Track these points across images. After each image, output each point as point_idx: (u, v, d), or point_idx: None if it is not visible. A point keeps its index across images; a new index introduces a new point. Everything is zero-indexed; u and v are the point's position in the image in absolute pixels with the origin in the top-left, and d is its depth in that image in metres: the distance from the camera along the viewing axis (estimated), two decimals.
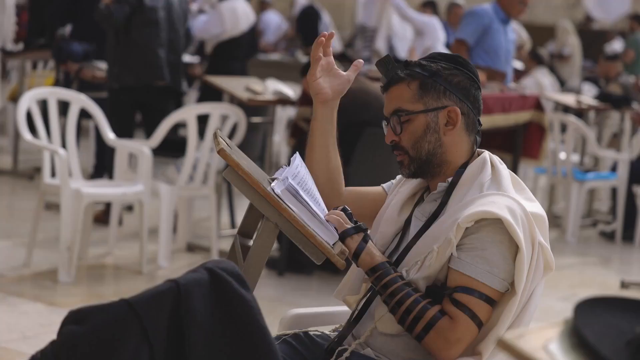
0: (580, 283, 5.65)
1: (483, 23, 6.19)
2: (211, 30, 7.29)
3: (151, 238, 5.14)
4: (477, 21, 6.21)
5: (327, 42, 2.29)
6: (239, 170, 2.05)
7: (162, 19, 5.74)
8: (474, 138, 2.24)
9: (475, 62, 6.16)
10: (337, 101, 2.33)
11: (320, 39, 2.28)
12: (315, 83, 2.30)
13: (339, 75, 2.32)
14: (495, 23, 6.19)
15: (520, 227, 2.05)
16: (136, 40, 5.67)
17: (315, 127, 2.33)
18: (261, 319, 1.89)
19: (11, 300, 4.24)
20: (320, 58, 2.29)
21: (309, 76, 2.31)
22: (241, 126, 5.24)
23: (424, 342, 2.07)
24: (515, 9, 6.22)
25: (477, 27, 6.19)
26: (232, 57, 7.38)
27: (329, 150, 2.34)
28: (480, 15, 6.23)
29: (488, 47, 6.19)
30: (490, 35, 6.18)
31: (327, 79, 2.31)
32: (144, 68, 5.71)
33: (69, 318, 1.85)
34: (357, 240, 2.13)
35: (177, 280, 1.87)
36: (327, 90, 2.30)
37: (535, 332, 1.21)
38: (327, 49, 2.30)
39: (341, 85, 2.31)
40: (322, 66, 2.30)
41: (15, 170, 7.27)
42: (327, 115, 2.32)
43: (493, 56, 6.21)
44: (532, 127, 6.15)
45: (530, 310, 2.13)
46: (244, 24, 7.35)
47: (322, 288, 4.97)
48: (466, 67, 2.23)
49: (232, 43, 7.36)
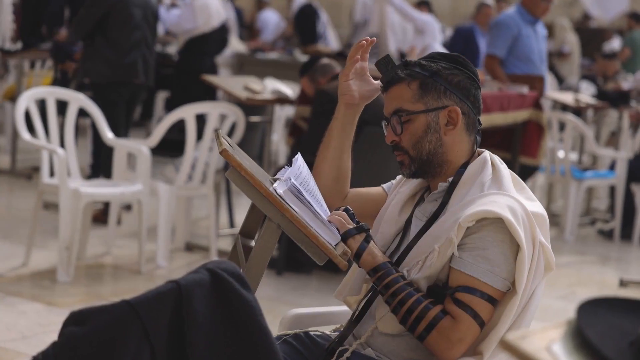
0: (578, 282, 5.65)
1: (512, 33, 6.12)
2: (184, 25, 7.35)
3: (150, 237, 5.14)
4: (504, 32, 6.15)
5: (367, 47, 2.29)
6: (241, 171, 2.05)
7: (137, 17, 5.84)
8: (474, 138, 2.24)
9: (511, 72, 6.14)
10: (361, 107, 2.34)
11: (362, 42, 2.29)
12: (345, 83, 2.30)
13: (370, 83, 2.32)
14: (523, 29, 6.12)
15: (521, 227, 2.05)
16: (113, 38, 5.83)
17: (334, 126, 2.34)
18: (262, 319, 1.89)
19: (10, 300, 4.24)
20: (357, 60, 2.29)
21: (342, 75, 2.31)
22: (240, 125, 5.24)
23: (426, 342, 2.07)
24: (539, 8, 6.16)
25: (506, 39, 6.14)
26: (203, 52, 7.44)
27: (343, 151, 2.34)
28: (507, 26, 6.16)
29: (520, 54, 6.15)
30: (521, 42, 6.13)
31: (358, 82, 2.31)
32: (120, 66, 5.85)
33: (70, 319, 1.85)
34: (358, 240, 2.13)
35: (178, 281, 1.87)
36: (355, 94, 2.30)
37: (538, 333, 1.21)
38: (364, 54, 2.31)
39: (370, 92, 2.32)
40: (356, 69, 2.30)
41: (13, 169, 7.26)
42: (349, 117, 2.33)
43: (527, 62, 6.17)
44: (530, 125, 6.15)
45: (531, 310, 2.13)
46: (215, 20, 7.41)
47: (321, 287, 4.97)
48: (466, 67, 2.23)
49: (203, 39, 7.42)
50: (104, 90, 5.86)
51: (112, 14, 5.79)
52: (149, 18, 6.02)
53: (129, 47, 5.86)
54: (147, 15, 6.00)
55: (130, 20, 5.86)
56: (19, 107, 4.74)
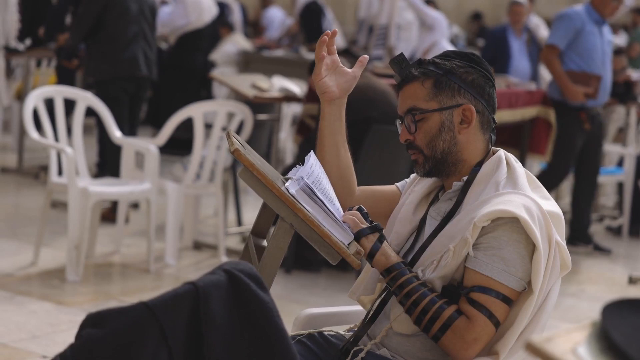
0: (587, 279, 5.64)
1: (574, 26, 5.97)
2: (176, 21, 7.36)
3: (158, 236, 5.13)
4: (567, 24, 6.00)
5: (330, 40, 2.27)
6: (253, 171, 2.04)
7: (134, 11, 5.85)
8: (488, 136, 2.23)
9: (569, 67, 5.99)
10: (344, 99, 2.32)
11: (324, 37, 2.26)
12: (321, 82, 2.28)
13: (345, 73, 2.30)
14: (588, 25, 5.98)
15: (537, 226, 2.04)
16: (111, 34, 5.85)
17: (323, 126, 2.32)
18: (279, 321, 1.88)
19: (19, 300, 4.24)
20: (324, 57, 2.27)
21: (314, 76, 2.29)
22: (248, 124, 5.23)
23: (440, 342, 2.06)
24: (608, 8, 6.01)
25: (568, 31, 5.98)
26: (195, 49, 7.44)
27: (338, 148, 2.32)
28: (571, 18, 6.01)
29: (581, 50, 5.98)
30: (583, 37, 5.97)
31: (333, 77, 2.29)
32: (120, 61, 5.87)
33: (87, 321, 1.84)
34: (372, 240, 2.12)
35: (195, 282, 1.86)
36: (333, 89, 2.29)
37: (563, 335, 1.20)
38: (330, 47, 2.29)
39: (347, 82, 2.30)
40: (327, 65, 2.28)
41: (20, 168, 7.26)
42: (335, 113, 2.31)
43: (587, 59, 6.00)
44: (538, 122, 6.14)
45: (547, 310, 2.12)
46: (207, 15, 7.42)
47: (330, 286, 4.96)
48: (480, 65, 2.22)
49: (195, 35, 7.43)
50: (107, 86, 5.86)
51: (108, 9, 5.80)
52: (145, 12, 6.04)
53: (126, 42, 5.88)
54: (144, 9, 6.02)
55: (126, 14, 5.88)
56: (26, 106, 4.74)
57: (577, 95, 5.91)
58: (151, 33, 6.11)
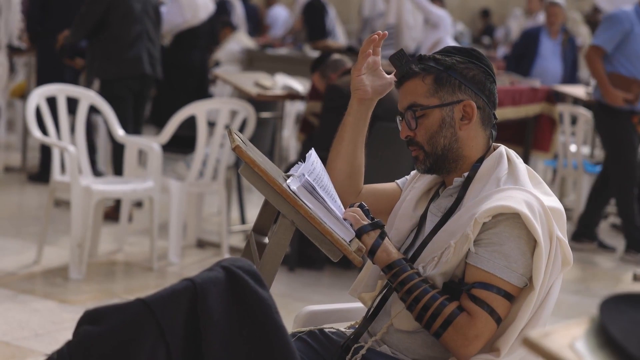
0: (592, 276, 5.62)
1: (623, 28, 5.74)
2: (172, 20, 7.36)
3: (161, 234, 5.13)
4: (615, 26, 5.76)
5: (379, 41, 2.27)
6: (255, 167, 2.03)
7: (137, 11, 5.86)
8: (489, 132, 2.22)
9: (616, 70, 5.78)
10: (374, 101, 2.32)
11: (374, 36, 2.27)
12: (358, 78, 2.28)
13: (382, 77, 2.30)
14: (637, 27, 5.76)
15: (538, 222, 2.03)
16: (115, 34, 5.85)
17: (347, 122, 2.32)
18: (278, 317, 1.87)
19: (22, 298, 4.24)
20: (370, 54, 2.27)
21: (354, 70, 2.29)
22: (251, 121, 5.22)
23: (442, 338, 2.05)
24: None
25: (616, 33, 5.75)
26: (193, 46, 7.44)
27: (356, 147, 2.32)
28: (619, 20, 5.77)
29: (629, 52, 5.77)
30: (632, 40, 5.75)
31: (370, 77, 2.29)
32: (125, 60, 5.88)
33: (84, 318, 1.84)
34: (373, 237, 2.12)
35: (193, 279, 1.85)
36: (367, 88, 2.28)
37: (561, 331, 1.19)
38: (377, 48, 2.29)
39: (382, 86, 2.30)
40: (369, 63, 2.28)
41: (23, 167, 7.26)
42: (362, 113, 2.31)
43: (635, 62, 5.79)
44: (542, 119, 6.12)
45: (549, 306, 2.11)
46: (203, 13, 7.42)
47: (333, 283, 4.95)
48: (481, 61, 2.21)
49: (191, 33, 7.42)
50: (112, 85, 5.86)
51: (112, 9, 5.81)
52: (149, 12, 6.05)
53: (130, 41, 5.88)
54: (148, 8, 6.04)
55: (130, 14, 5.88)
56: (29, 104, 4.74)
57: (617, 100, 5.71)
58: (155, 32, 6.12)
